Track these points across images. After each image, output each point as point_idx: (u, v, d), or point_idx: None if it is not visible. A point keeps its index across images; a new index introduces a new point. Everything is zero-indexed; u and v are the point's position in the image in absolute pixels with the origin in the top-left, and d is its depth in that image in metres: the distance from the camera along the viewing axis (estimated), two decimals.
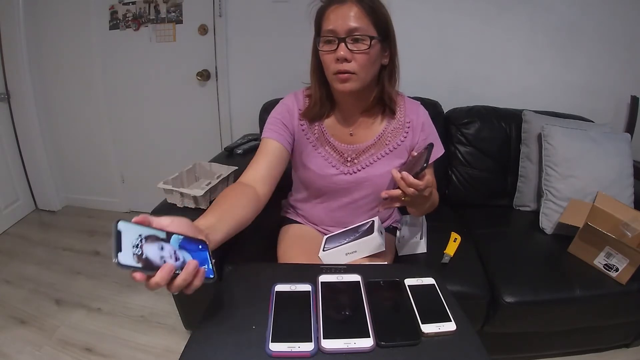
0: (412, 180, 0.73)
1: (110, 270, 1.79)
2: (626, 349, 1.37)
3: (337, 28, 0.82)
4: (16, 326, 1.43)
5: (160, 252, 0.50)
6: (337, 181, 1.01)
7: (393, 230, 1.20)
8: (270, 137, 0.95)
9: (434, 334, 0.57)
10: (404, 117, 1.00)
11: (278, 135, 0.95)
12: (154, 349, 1.36)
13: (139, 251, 0.48)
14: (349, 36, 0.82)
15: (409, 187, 0.73)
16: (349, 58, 0.83)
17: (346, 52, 0.82)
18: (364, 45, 0.83)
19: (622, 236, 1.18)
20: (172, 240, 0.52)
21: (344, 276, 0.68)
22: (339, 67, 0.84)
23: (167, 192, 1.14)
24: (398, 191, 0.75)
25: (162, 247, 0.51)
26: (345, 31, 0.82)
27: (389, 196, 0.77)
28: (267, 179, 0.88)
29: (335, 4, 0.84)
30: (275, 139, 0.94)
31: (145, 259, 0.48)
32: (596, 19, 1.59)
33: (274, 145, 0.94)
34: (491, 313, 1.12)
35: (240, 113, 1.95)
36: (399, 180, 0.74)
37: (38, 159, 2.22)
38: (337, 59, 0.84)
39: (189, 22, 1.83)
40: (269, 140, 0.94)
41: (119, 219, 0.48)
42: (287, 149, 0.96)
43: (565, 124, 1.46)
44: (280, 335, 0.54)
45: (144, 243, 0.49)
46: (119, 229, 0.47)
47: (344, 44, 0.82)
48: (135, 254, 0.47)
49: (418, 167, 0.74)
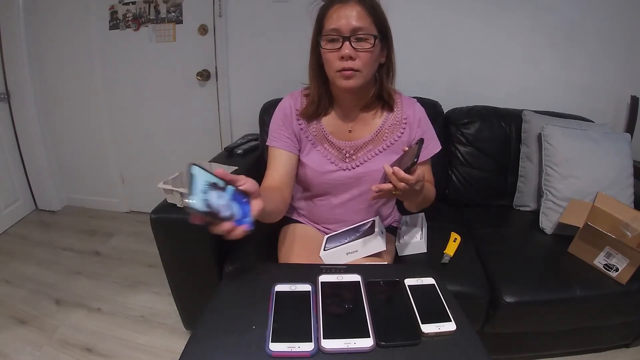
0: (403, 174, 0.74)
1: (110, 270, 1.80)
2: (626, 349, 1.37)
3: (341, 27, 0.84)
4: (16, 326, 1.43)
5: (218, 201, 0.58)
6: (337, 177, 1.01)
7: (393, 230, 1.21)
8: (277, 146, 0.99)
9: (434, 334, 0.57)
10: (401, 114, 1.01)
11: (284, 144, 0.99)
12: (154, 349, 1.36)
13: (206, 197, 0.56)
14: (353, 35, 0.84)
15: (400, 182, 0.75)
16: (354, 56, 0.85)
17: (351, 51, 0.85)
18: (368, 44, 0.85)
19: (622, 236, 1.18)
20: (227, 190, 0.61)
21: (344, 276, 0.68)
22: (343, 64, 0.86)
23: (167, 192, 1.14)
24: (389, 185, 0.77)
25: (220, 195, 0.59)
26: (349, 30, 0.84)
27: (380, 190, 0.79)
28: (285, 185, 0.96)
29: (337, 3, 0.86)
30: (282, 148, 0.99)
31: (208, 205, 0.56)
32: (596, 19, 1.59)
33: (282, 154, 0.99)
34: (491, 313, 1.12)
35: (240, 113, 1.95)
36: (391, 175, 0.76)
37: (38, 159, 2.22)
38: (341, 57, 0.85)
39: (189, 22, 1.84)
40: (276, 150, 0.99)
41: (192, 163, 0.56)
42: (295, 154, 1.01)
43: (565, 124, 1.46)
44: (280, 335, 0.54)
45: (209, 190, 0.57)
46: (192, 172, 0.55)
47: (349, 43, 0.84)
48: (204, 199, 0.55)
49: (409, 162, 0.75)
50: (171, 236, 1.15)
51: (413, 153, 0.77)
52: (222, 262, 1.16)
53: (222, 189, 0.59)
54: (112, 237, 2.08)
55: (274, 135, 1.00)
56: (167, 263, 1.21)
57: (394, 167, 0.76)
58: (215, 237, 1.15)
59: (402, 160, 0.82)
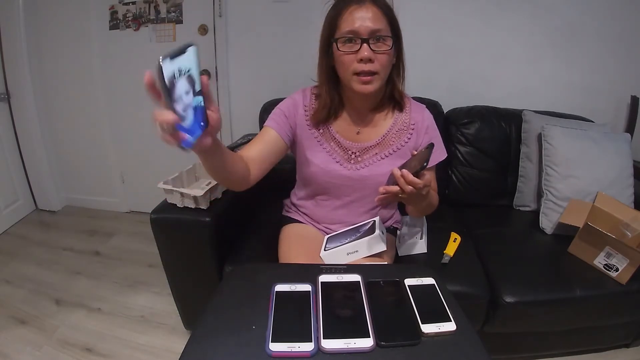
0: (411, 178, 0.74)
1: (110, 270, 1.80)
2: (626, 349, 1.37)
3: (359, 29, 0.83)
4: (16, 326, 1.43)
5: (183, 95, 0.52)
6: (341, 177, 1.01)
7: (393, 230, 1.21)
8: (270, 126, 0.97)
9: (434, 334, 0.57)
10: (409, 119, 1.01)
11: (277, 126, 0.97)
12: (154, 349, 1.36)
13: (177, 76, 0.50)
14: (371, 37, 0.84)
15: (407, 185, 0.74)
16: (372, 58, 0.84)
17: (370, 53, 0.84)
18: (386, 46, 0.85)
19: (622, 236, 1.18)
20: (196, 98, 0.55)
21: (344, 276, 0.68)
22: (362, 67, 0.85)
23: (167, 192, 1.14)
24: (396, 188, 0.76)
25: (188, 92, 0.53)
26: (368, 32, 0.83)
27: (387, 192, 0.78)
28: (258, 162, 0.90)
29: (353, 5, 0.85)
30: (274, 129, 0.96)
31: (172, 85, 0.50)
32: (596, 19, 1.59)
33: (271, 134, 0.96)
34: (491, 313, 1.12)
35: (240, 113, 1.95)
36: (399, 177, 0.75)
37: (38, 159, 2.22)
38: (360, 60, 0.85)
39: (189, 22, 1.84)
40: (268, 128, 0.97)
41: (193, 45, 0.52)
42: (284, 141, 0.97)
43: (565, 124, 1.46)
44: (280, 335, 0.54)
45: (186, 75, 0.52)
46: (188, 50, 0.52)
47: (367, 45, 0.84)
48: (175, 75, 0.50)
49: (418, 166, 0.74)
50: (171, 236, 1.15)
51: (423, 157, 0.76)
52: (222, 262, 1.16)
53: (193, 91, 0.54)
54: (112, 237, 2.08)
55: (272, 117, 0.99)
56: (167, 263, 1.21)
57: (403, 170, 0.75)
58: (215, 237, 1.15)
59: (410, 164, 0.82)
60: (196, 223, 1.10)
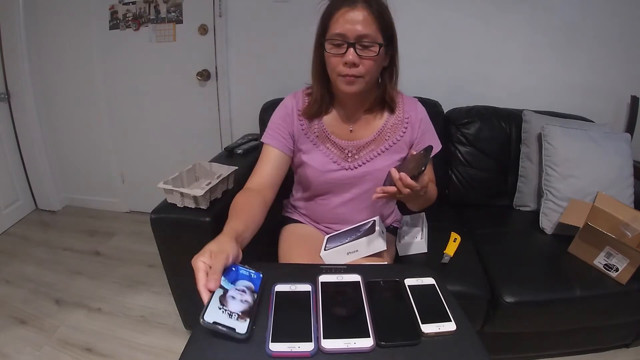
0: (409, 181, 0.74)
1: (110, 270, 1.80)
2: (626, 349, 1.37)
3: (347, 33, 0.83)
4: (16, 326, 1.43)
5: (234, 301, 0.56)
6: (339, 177, 1.02)
7: (393, 230, 1.21)
8: (270, 144, 0.99)
9: (434, 334, 0.57)
10: (402, 114, 1.02)
11: (278, 143, 0.99)
12: (154, 349, 1.36)
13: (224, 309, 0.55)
14: (358, 42, 0.83)
15: (405, 188, 0.75)
16: (357, 62, 0.85)
17: (355, 57, 0.84)
18: (372, 52, 0.85)
19: (622, 236, 1.18)
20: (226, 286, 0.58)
21: (344, 276, 0.68)
22: (346, 70, 0.86)
23: (167, 192, 1.14)
24: (394, 188, 0.77)
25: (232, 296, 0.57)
26: (355, 37, 0.83)
27: (384, 192, 0.78)
28: (272, 185, 0.96)
29: (345, 7, 0.84)
30: (275, 147, 0.98)
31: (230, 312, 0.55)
32: (596, 19, 1.59)
33: (274, 153, 0.98)
34: (491, 313, 1.12)
35: (240, 113, 1.95)
36: (397, 180, 0.75)
37: (38, 159, 2.22)
38: (344, 63, 0.85)
39: (189, 22, 1.83)
40: (269, 148, 0.99)
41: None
42: (287, 155, 1.00)
43: (565, 124, 1.46)
44: (280, 335, 0.54)
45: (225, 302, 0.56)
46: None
47: (353, 49, 0.84)
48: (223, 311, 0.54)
49: (416, 169, 0.75)
50: (171, 236, 1.15)
51: (421, 161, 0.76)
52: None
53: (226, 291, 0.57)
54: (112, 237, 2.08)
55: (270, 133, 1.00)
56: (167, 263, 1.21)
57: (401, 173, 0.75)
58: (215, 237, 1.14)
59: (408, 165, 0.82)
60: (196, 223, 1.10)
